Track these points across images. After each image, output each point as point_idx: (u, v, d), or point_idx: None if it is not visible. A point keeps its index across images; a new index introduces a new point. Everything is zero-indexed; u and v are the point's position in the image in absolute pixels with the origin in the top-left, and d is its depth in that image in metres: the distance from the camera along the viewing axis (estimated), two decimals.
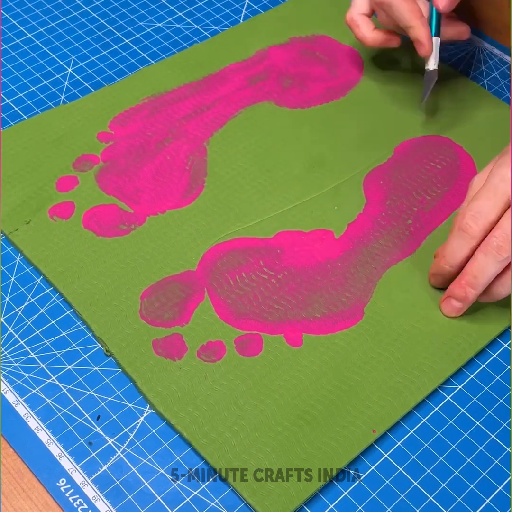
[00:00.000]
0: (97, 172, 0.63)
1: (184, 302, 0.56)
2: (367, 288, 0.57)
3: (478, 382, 0.54)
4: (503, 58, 0.75)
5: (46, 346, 0.54)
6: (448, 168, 0.65)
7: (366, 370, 0.53)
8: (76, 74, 0.71)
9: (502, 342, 0.56)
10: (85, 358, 0.54)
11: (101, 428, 0.51)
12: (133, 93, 0.69)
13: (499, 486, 0.50)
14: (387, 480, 0.49)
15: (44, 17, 0.76)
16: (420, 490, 0.49)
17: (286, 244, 0.59)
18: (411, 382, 0.53)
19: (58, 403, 0.52)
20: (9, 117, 0.67)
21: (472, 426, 0.52)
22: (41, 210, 0.60)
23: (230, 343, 0.54)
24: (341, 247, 0.59)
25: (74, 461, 0.49)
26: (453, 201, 0.63)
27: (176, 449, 0.50)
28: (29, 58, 0.73)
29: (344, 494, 0.49)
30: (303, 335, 0.54)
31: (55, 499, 0.48)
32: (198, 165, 0.64)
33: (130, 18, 0.77)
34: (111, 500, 0.48)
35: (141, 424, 0.51)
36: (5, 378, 0.52)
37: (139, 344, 0.54)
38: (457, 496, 0.49)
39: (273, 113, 0.68)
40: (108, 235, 0.59)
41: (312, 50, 0.73)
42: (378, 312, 0.56)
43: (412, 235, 0.60)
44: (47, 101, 0.69)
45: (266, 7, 0.78)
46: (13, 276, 0.58)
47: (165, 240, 0.59)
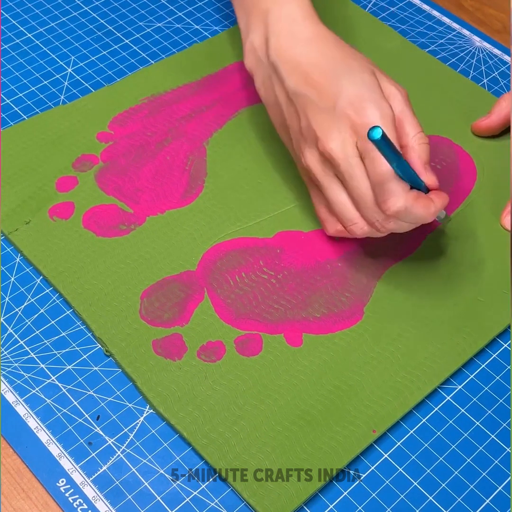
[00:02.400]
0: (97, 172, 0.63)
1: (184, 302, 0.56)
2: (367, 288, 0.57)
3: (478, 382, 0.54)
4: (503, 58, 0.75)
5: (46, 346, 0.54)
6: (448, 168, 0.65)
7: (366, 370, 0.53)
8: (76, 74, 0.71)
9: (502, 342, 0.56)
10: (85, 358, 0.54)
11: (101, 428, 0.51)
12: (133, 93, 0.69)
13: (499, 486, 0.50)
14: (387, 480, 0.49)
15: (44, 17, 0.76)
16: (420, 490, 0.49)
17: (286, 244, 0.59)
18: (411, 382, 0.53)
19: (58, 403, 0.51)
20: (9, 117, 0.67)
21: (472, 426, 0.52)
22: (41, 210, 0.60)
23: (230, 343, 0.54)
24: (341, 247, 0.59)
25: (74, 461, 0.49)
26: (453, 201, 0.63)
27: (176, 449, 0.50)
28: (29, 58, 0.72)
29: (344, 494, 0.49)
30: (303, 335, 0.54)
31: (55, 499, 0.48)
32: (198, 165, 0.64)
33: (130, 18, 0.76)
34: (111, 500, 0.48)
35: (141, 424, 0.51)
36: (5, 378, 0.52)
37: (139, 344, 0.54)
38: (457, 496, 0.49)
39: None
40: (108, 235, 0.59)
41: None
42: (378, 312, 0.56)
43: (412, 234, 0.60)
44: (47, 101, 0.69)
45: None
46: (13, 276, 0.57)
47: (165, 240, 0.59)
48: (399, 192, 0.50)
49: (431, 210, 0.51)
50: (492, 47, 0.75)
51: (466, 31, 0.77)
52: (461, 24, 0.78)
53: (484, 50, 0.75)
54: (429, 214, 0.51)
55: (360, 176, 0.51)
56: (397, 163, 0.49)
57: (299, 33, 0.56)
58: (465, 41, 0.76)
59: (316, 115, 0.53)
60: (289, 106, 0.56)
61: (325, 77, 0.54)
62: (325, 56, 0.55)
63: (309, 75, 0.54)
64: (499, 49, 0.75)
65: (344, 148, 0.51)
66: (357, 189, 0.52)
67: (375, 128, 0.46)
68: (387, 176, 0.49)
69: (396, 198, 0.50)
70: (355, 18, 0.77)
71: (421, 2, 0.80)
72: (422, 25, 0.77)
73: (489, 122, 0.66)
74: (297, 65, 0.55)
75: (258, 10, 0.59)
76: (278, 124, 0.59)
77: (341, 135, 0.51)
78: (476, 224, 0.61)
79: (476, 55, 0.75)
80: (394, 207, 0.50)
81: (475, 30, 0.77)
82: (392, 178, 0.49)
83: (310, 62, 0.55)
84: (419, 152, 0.53)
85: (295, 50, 0.56)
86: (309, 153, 0.54)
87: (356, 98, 0.52)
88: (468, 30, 0.77)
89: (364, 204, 0.52)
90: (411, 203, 0.50)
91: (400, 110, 0.54)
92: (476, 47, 0.75)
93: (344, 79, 0.53)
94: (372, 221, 0.52)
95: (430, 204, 0.51)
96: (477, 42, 0.76)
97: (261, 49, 0.58)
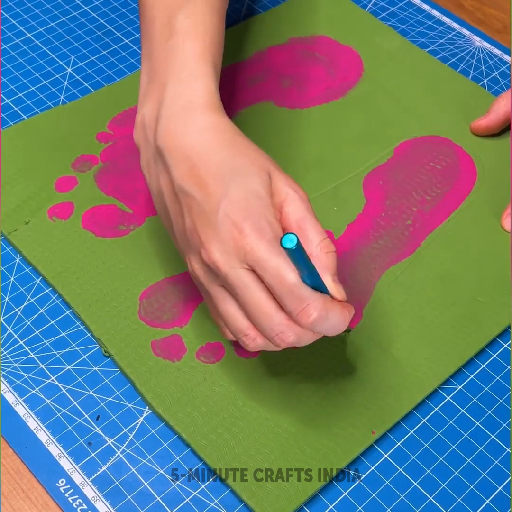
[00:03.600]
0: (96, 173, 0.63)
1: (183, 303, 0.56)
2: (366, 289, 0.57)
3: (478, 382, 0.54)
4: (503, 58, 0.75)
5: (46, 346, 0.54)
6: (448, 168, 0.65)
7: (366, 371, 0.53)
8: (76, 74, 0.71)
9: (502, 342, 0.56)
10: (84, 359, 0.54)
11: (101, 429, 0.51)
12: (133, 93, 0.68)
13: (499, 487, 0.50)
14: (387, 480, 0.49)
15: (43, 17, 0.76)
16: (420, 490, 0.49)
17: None
18: (411, 383, 0.53)
19: (57, 403, 0.51)
20: (9, 117, 0.67)
21: (472, 427, 0.52)
22: (40, 211, 0.60)
23: (229, 344, 0.54)
24: (341, 248, 0.59)
25: (73, 461, 0.49)
26: (453, 201, 0.63)
27: (176, 449, 0.50)
28: (29, 58, 0.72)
29: (344, 494, 0.49)
30: None
31: (55, 499, 0.48)
32: None
33: (130, 18, 0.76)
34: (111, 500, 0.48)
35: (140, 424, 0.51)
36: (4, 378, 0.52)
37: (138, 345, 0.54)
38: (457, 497, 0.49)
39: (273, 113, 0.68)
40: (107, 236, 0.59)
41: (312, 50, 0.73)
42: (377, 313, 0.56)
43: (412, 235, 0.60)
44: (47, 101, 0.69)
45: (265, 7, 0.78)
46: (13, 276, 0.57)
47: (164, 240, 0.59)
48: (315, 297, 0.44)
49: (346, 316, 0.46)
50: (492, 47, 0.75)
51: (466, 31, 0.77)
52: (461, 24, 0.78)
53: (484, 50, 0.75)
54: (345, 320, 0.46)
55: (253, 288, 0.45)
56: (308, 272, 0.44)
57: (192, 121, 0.48)
58: (465, 41, 0.76)
59: (201, 219, 0.46)
60: (174, 203, 0.49)
61: (212, 176, 0.47)
62: (215, 152, 0.48)
63: (196, 171, 0.47)
64: (499, 49, 0.75)
65: (229, 259, 0.45)
66: (252, 302, 0.45)
67: (288, 235, 0.40)
68: (297, 285, 0.44)
69: (315, 304, 0.44)
70: (355, 18, 0.77)
71: (421, 2, 0.80)
72: (422, 25, 0.77)
73: (488, 121, 0.66)
74: (185, 157, 0.48)
75: (157, 79, 0.51)
76: (161, 212, 0.51)
77: (225, 245, 0.45)
78: (476, 224, 0.61)
79: (476, 55, 0.75)
80: (314, 315, 0.44)
81: (475, 30, 0.77)
82: (303, 285, 0.44)
83: (198, 156, 0.47)
84: (326, 262, 0.47)
85: (185, 140, 0.48)
86: (194, 261, 0.48)
87: (237, 208, 0.45)
88: (468, 30, 0.77)
89: (263, 317, 0.45)
90: (330, 307, 0.45)
91: (300, 215, 0.47)
92: (476, 47, 0.75)
93: (231, 182, 0.46)
94: (271, 335, 0.45)
95: (345, 310, 0.46)
96: (477, 42, 0.76)
97: (150, 128, 0.50)
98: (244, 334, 0.47)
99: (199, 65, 0.51)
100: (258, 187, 0.46)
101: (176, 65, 0.51)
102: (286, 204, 0.47)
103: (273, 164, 0.49)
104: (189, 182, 0.47)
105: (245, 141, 0.50)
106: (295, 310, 0.44)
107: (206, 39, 0.52)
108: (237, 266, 0.45)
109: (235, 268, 0.45)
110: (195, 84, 0.50)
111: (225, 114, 0.50)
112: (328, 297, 0.45)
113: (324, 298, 0.45)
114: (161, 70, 0.51)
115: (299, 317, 0.44)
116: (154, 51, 0.53)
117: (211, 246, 0.45)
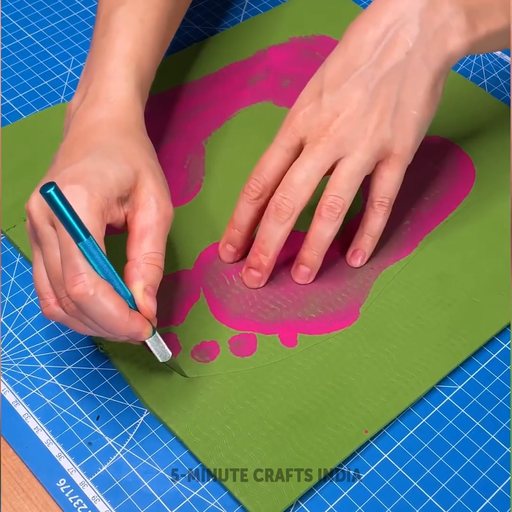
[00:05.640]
0: None
1: (179, 301, 0.56)
2: (363, 288, 0.57)
3: (478, 382, 0.54)
4: (503, 58, 0.75)
5: (46, 346, 0.54)
6: (447, 169, 0.65)
7: (360, 371, 0.53)
8: (76, 74, 0.71)
9: (502, 342, 0.56)
10: (84, 359, 0.54)
11: (101, 428, 0.51)
12: None
13: (499, 486, 0.50)
14: (387, 480, 0.49)
15: (44, 17, 0.76)
16: (420, 490, 0.49)
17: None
18: (405, 383, 0.52)
19: (57, 403, 0.52)
20: (9, 117, 0.67)
21: (472, 426, 0.52)
22: None
23: (224, 343, 0.54)
24: (339, 247, 0.59)
25: (73, 461, 0.49)
26: (451, 202, 0.63)
27: (176, 449, 0.50)
28: (29, 58, 0.73)
29: (344, 494, 0.49)
30: (298, 335, 0.54)
31: (55, 499, 0.48)
32: (196, 165, 0.64)
33: None
34: (111, 500, 0.48)
35: (140, 424, 0.51)
36: (5, 378, 0.52)
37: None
38: (457, 496, 0.49)
39: (272, 113, 0.68)
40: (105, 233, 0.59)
41: (312, 50, 0.73)
42: (373, 313, 0.56)
43: (409, 235, 0.60)
44: (47, 101, 0.69)
45: (266, 7, 0.78)
46: (13, 276, 0.57)
47: None
48: (90, 272, 0.43)
49: (124, 316, 0.44)
50: None
51: None
52: None
53: None
54: (122, 320, 0.44)
55: (51, 244, 0.45)
56: (97, 263, 0.43)
57: (96, 113, 0.52)
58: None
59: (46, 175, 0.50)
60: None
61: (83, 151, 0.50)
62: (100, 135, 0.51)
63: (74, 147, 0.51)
64: None
65: (43, 214, 0.45)
66: (47, 258, 0.45)
67: (50, 183, 0.41)
68: (77, 252, 0.43)
69: (85, 277, 0.43)
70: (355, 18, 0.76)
71: None
72: None
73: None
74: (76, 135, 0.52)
75: (89, 72, 0.55)
76: None
77: (44, 201, 0.44)
78: (473, 225, 0.61)
79: (476, 55, 0.75)
80: (80, 286, 0.43)
81: None
82: (82, 256, 0.43)
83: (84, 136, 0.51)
84: (144, 271, 0.46)
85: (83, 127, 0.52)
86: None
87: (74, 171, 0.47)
88: None
89: (55, 278, 0.45)
90: (102, 292, 0.43)
91: (147, 224, 0.48)
92: None
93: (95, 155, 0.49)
94: (59, 297, 0.45)
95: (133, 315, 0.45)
96: None
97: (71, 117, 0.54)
98: (42, 298, 0.47)
99: (120, 65, 0.55)
100: (110, 170, 0.47)
101: (104, 62, 0.55)
102: (141, 209, 0.48)
103: (152, 171, 0.50)
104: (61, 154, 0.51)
105: (135, 141, 0.51)
106: (65, 276, 0.43)
107: (138, 38, 0.56)
108: (47, 222, 0.45)
109: (45, 223, 0.45)
110: (110, 83, 0.54)
111: (136, 112, 0.53)
112: (109, 285, 0.44)
113: (102, 281, 0.43)
114: (93, 64, 0.56)
115: (67, 285, 0.43)
116: (92, 44, 0.57)
117: (34, 197, 0.46)
